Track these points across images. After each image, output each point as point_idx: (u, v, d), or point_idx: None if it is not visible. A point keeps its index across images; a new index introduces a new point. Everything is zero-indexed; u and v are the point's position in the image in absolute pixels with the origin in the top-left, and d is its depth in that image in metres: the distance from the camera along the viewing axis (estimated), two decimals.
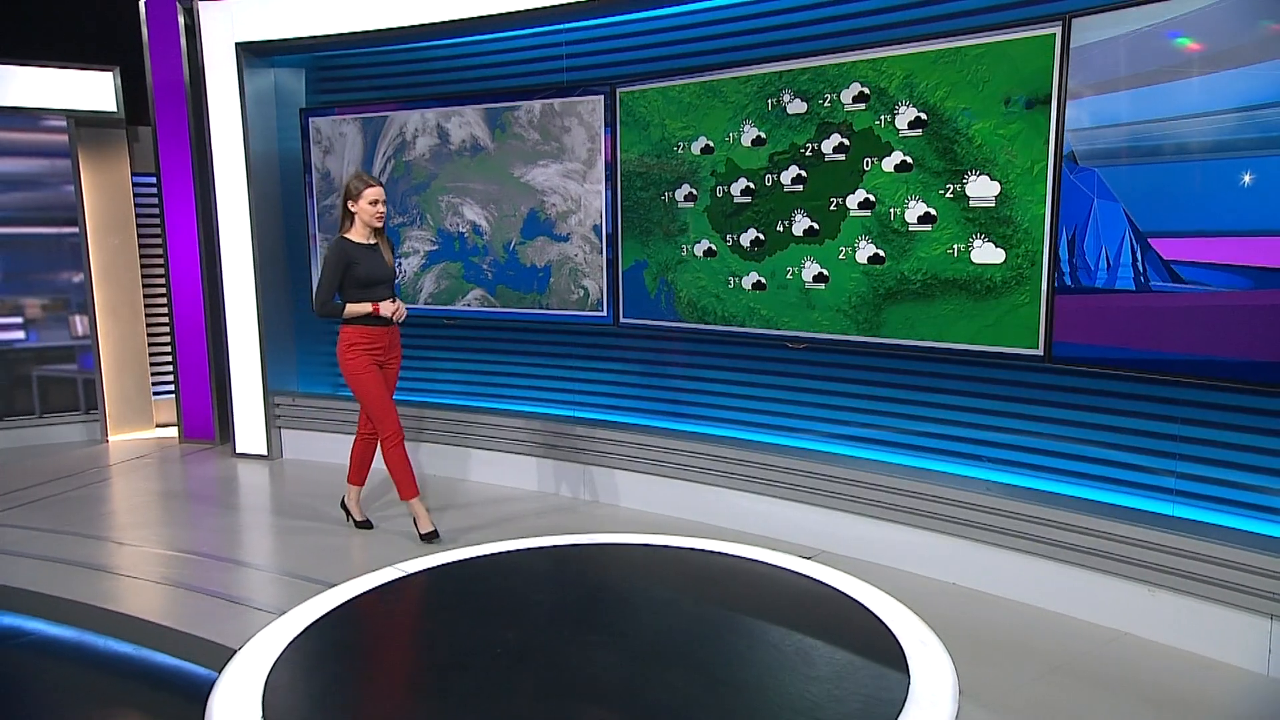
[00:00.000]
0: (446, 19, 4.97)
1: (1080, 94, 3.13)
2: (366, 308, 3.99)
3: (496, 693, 2.80)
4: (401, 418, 5.46)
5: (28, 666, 3.29)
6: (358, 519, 4.45)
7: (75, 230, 6.38)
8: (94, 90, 6.27)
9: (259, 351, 5.78)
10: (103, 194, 6.48)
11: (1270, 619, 2.85)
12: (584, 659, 3.14)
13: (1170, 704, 2.73)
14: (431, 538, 4.17)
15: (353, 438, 5.64)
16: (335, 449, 5.68)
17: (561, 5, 4.61)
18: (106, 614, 3.43)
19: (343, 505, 4.51)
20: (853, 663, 3.05)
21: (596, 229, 4.71)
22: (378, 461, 4.41)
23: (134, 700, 3.01)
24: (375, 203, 4.02)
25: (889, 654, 3.08)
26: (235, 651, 3.08)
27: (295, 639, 3.20)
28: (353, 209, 4.03)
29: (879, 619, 3.38)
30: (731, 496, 4.33)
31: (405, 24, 5.10)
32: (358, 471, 4.40)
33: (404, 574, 3.87)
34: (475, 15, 4.88)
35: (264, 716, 2.65)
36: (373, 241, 4.11)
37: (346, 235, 4.06)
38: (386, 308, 4.02)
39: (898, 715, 2.68)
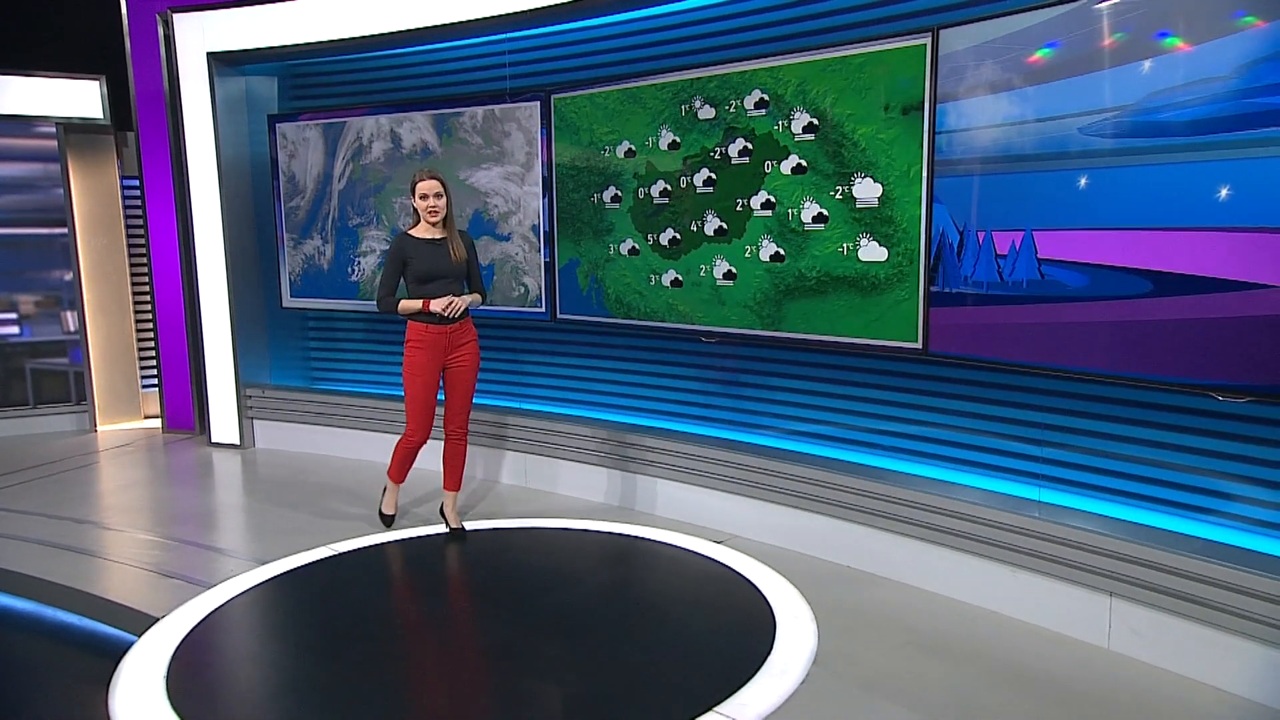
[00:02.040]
0: (401, 28, 5.23)
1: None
2: (417, 305, 3.97)
3: (387, 660, 3.07)
4: (360, 408, 5.75)
5: None
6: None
7: (65, 231, 6.73)
8: (82, 98, 6.61)
9: (231, 346, 6.08)
10: (91, 196, 6.82)
11: (1110, 596, 3.01)
12: (479, 630, 3.42)
13: (1010, 674, 2.90)
14: (388, 520, 4.35)
15: (320, 429, 5.96)
16: (306, 439, 5.98)
17: (504, 15, 4.84)
18: (55, 587, 3.72)
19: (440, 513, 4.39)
20: (726, 634, 3.29)
21: (535, 229, 4.94)
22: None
23: (71, 666, 3.26)
24: (425, 196, 3.96)
25: (761, 627, 3.33)
26: (157, 620, 3.38)
27: (215, 610, 3.50)
28: (413, 204, 4.03)
29: (763, 596, 3.62)
30: (650, 483, 4.54)
31: (364, 34, 5.36)
32: (448, 477, 4.28)
33: (334, 553, 4.16)
34: (428, 25, 5.14)
35: (167, 678, 2.94)
36: (439, 236, 4.03)
37: (409, 231, 4.06)
38: (437, 304, 3.95)
39: (746, 681, 2.92)
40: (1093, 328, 2.98)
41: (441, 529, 4.31)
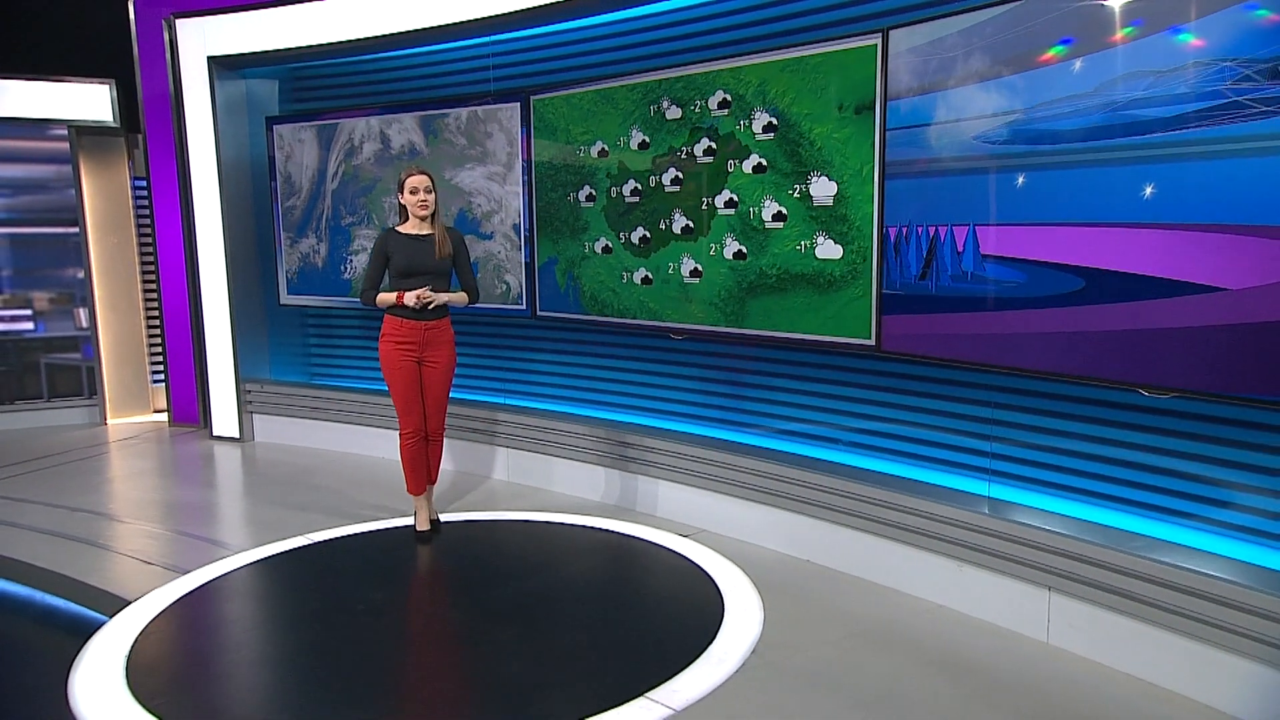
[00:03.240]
0: (391, 31, 5.36)
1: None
2: (393, 297, 3.99)
3: (340, 641, 3.19)
4: (354, 403, 5.88)
5: None
6: (420, 527, 4.27)
7: (77, 230, 6.96)
8: (92, 101, 6.83)
9: (230, 342, 6.26)
10: (102, 197, 7.05)
11: (1049, 590, 3.04)
12: (432, 617, 3.53)
13: (945, 664, 2.94)
14: (424, 538, 4.21)
15: (316, 423, 6.11)
16: (304, 433, 6.13)
17: (487, 18, 4.95)
18: (41, 571, 3.90)
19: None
20: (673, 624, 3.36)
21: (516, 228, 5.04)
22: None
23: (48, 645, 3.42)
24: (415, 191, 3.99)
25: (709, 618, 3.40)
26: (129, 603, 3.53)
27: (185, 595, 3.64)
28: (400, 200, 4.06)
29: (717, 588, 3.69)
30: (630, 479, 4.62)
31: (355, 37, 5.50)
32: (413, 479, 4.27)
33: (309, 542, 4.28)
34: (417, 27, 5.25)
35: (129, 655, 3.07)
36: (425, 232, 4.05)
37: (396, 227, 4.09)
38: (409, 296, 3.94)
39: (682, 668, 2.99)
40: (1031, 322, 3.01)
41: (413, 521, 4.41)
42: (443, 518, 4.46)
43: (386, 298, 4.03)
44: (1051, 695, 2.76)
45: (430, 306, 4.02)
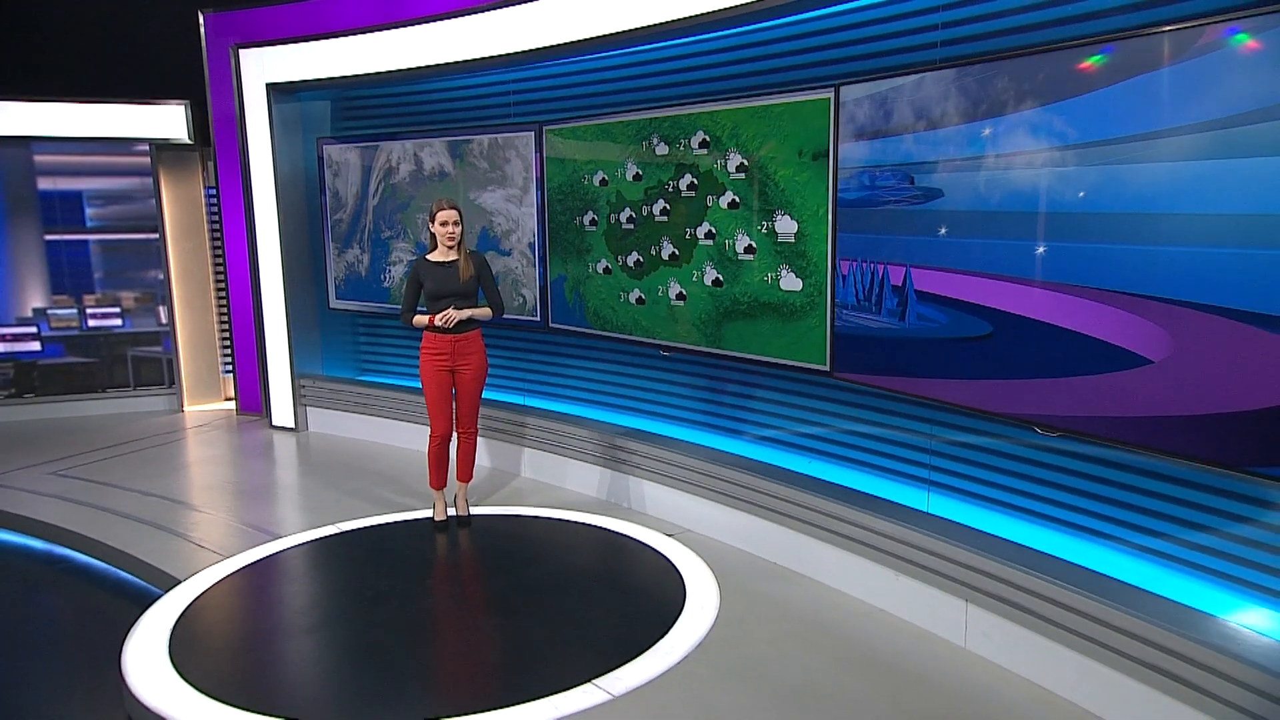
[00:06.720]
0: (425, 64, 5.84)
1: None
2: (426, 319, 4.54)
3: (346, 623, 3.72)
4: (397, 400, 6.45)
5: (61, 583, 4.51)
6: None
7: (157, 236, 7.72)
8: (169, 121, 7.54)
9: (287, 340, 6.91)
10: (179, 206, 7.79)
11: (966, 601, 3.37)
12: (425, 604, 4.05)
13: (865, 662, 3.31)
14: (440, 527, 4.77)
15: (363, 417, 6.70)
16: (353, 425, 6.75)
17: (509, 54, 5.39)
18: (114, 550, 4.58)
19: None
20: (634, 616, 3.81)
21: (531, 246, 5.50)
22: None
23: (120, 613, 4.07)
24: (445, 224, 4.48)
25: (669, 612, 3.82)
26: (179, 581, 4.14)
27: (228, 575, 4.24)
28: (431, 229, 4.55)
29: (683, 585, 4.12)
30: (627, 480, 5.05)
31: (393, 68, 6.01)
32: (459, 469, 4.83)
33: (340, 530, 4.85)
34: (448, 61, 5.73)
35: (174, 628, 3.67)
36: (451, 258, 4.55)
37: (425, 255, 4.58)
38: (439, 317, 4.49)
39: (631, 659, 3.43)
40: (949, 360, 3.32)
41: (448, 512, 4.92)
42: (475, 511, 4.96)
43: (421, 319, 4.57)
44: (955, 695, 3.10)
45: (454, 324, 4.52)
